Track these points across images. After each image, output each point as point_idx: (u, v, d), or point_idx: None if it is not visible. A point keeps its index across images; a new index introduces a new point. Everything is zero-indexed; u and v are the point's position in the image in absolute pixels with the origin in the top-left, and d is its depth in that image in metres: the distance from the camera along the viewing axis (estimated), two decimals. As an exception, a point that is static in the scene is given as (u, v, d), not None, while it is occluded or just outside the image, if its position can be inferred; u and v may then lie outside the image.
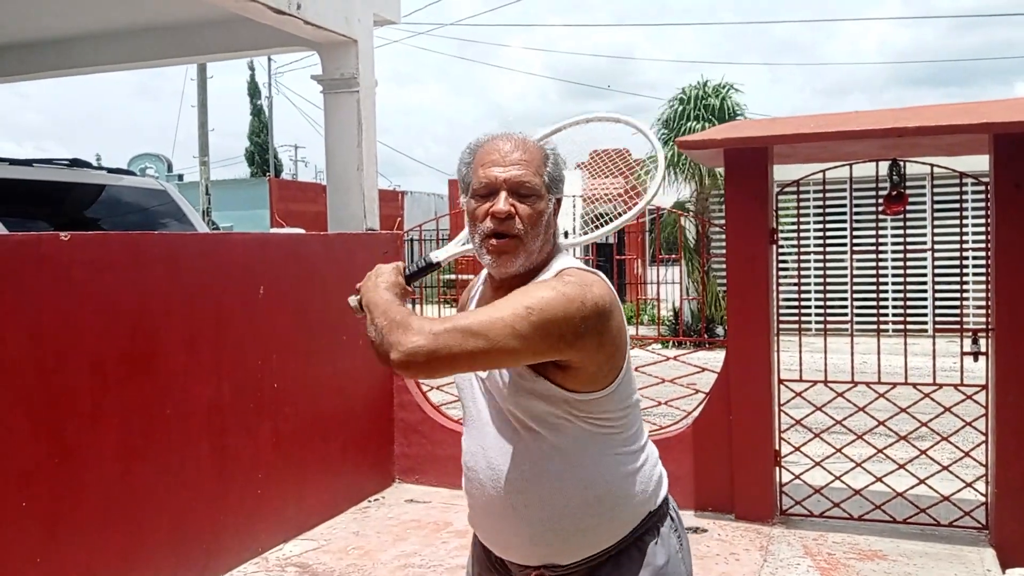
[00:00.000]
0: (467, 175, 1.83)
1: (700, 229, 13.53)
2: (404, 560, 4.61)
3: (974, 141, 4.73)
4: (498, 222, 1.75)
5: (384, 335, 1.63)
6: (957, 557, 4.51)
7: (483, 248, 1.79)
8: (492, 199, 1.76)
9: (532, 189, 1.77)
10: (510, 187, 1.76)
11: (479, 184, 1.78)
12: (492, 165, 1.77)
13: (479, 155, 1.82)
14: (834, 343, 5.80)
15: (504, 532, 1.83)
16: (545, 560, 1.80)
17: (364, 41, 6.24)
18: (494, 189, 1.76)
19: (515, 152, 1.78)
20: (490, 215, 1.75)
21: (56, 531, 3.50)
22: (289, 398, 4.91)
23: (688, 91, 14.90)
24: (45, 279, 3.48)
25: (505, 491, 1.78)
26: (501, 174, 1.76)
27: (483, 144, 1.83)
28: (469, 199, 1.82)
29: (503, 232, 1.75)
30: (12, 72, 7.59)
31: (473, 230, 1.81)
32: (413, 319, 1.62)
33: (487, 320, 1.60)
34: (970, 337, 4.83)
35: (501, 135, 1.83)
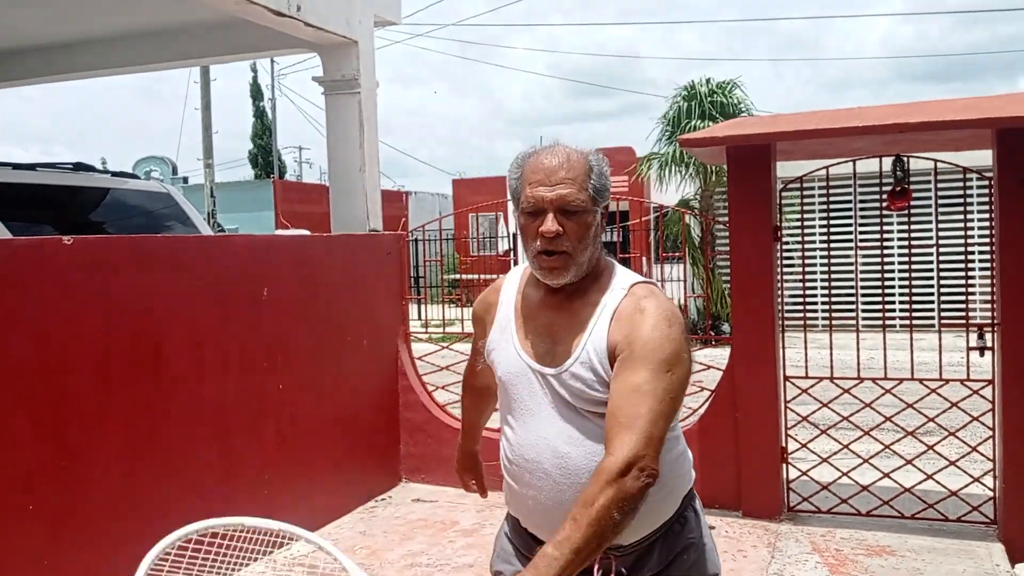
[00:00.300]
0: (516, 189, 1.91)
1: (704, 227, 13.54)
2: (411, 559, 4.61)
3: (978, 136, 4.71)
4: (547, 241, 1.82)
5: (626, 501, 1.68)
6: (966, 552, 4.49)
7: (536, 263, 1.88)
8: (541, 217, 1.83)
9: (579, 205, 1.83)
10: (557, 207, 1.82)
11: (527, 204, 1.86)
12: (538, 185, 1.84)
13: (526, 172, 1.88)
14: (840, 339, 5.78)
15: (558, 518, 1.80)
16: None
17: (365, 42, 6.24)
18: (542, 208, 1.83)
19: (560, 170, 1.83)
20: (540, 235, 1.83)
21: (60, 533, 3.51)
22: (294, 399, 4.92)
23: (691, 88, 14.88)
24: (48, 282, 3.49)
25: (575, 478, 1.83)
26: (547, 194, 1.83)
27: (529, 160, 1.89)
28: (519, 215, 1.90)
29: (553, 250, 1.83)
30: (17, 76, 7.61)
31: (525, 244, 1.89)
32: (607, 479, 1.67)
33: (653, 407, 1.73)
34: (976, 332, 4.81)
35: (546, 149, 1.88)
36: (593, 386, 1.84)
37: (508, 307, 2.02)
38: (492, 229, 22.06)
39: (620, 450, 1.69)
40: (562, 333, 1.90)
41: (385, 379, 5.86)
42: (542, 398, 1.91)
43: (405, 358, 5.99)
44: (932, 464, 5.16)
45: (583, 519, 1.66)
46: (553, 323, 1.92)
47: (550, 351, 1.91)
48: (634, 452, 1.69)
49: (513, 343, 1.96)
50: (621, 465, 1.68)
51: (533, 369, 1.92)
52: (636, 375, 1.76)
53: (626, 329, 1.82)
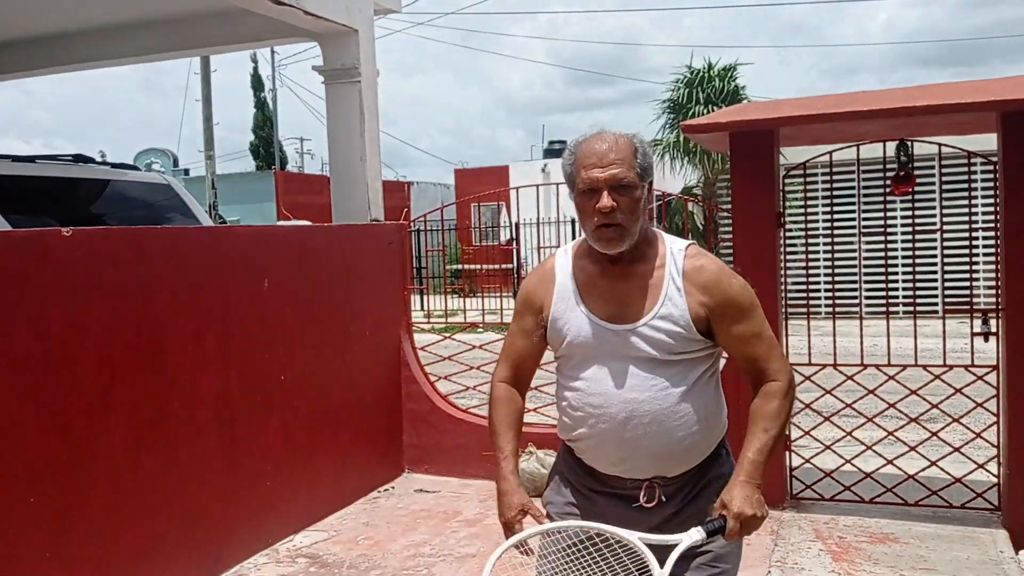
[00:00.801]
0: (571, 174, 2.19)
1: (708, 214, 13.50)
2: (414, 550, 4.61)
3: (983, 119, 4.68)
4: (603, 216, 2.11)
5: (791, 404, 2.20)
6: (970, 539, 4.48)
7: (594, 236, 2.16)
8: (596, 196, 2.11)
9: (629, 182, 2.13)
10: (610, 185, 2.11)
11: (584, 185, 2.14)
12: (592, 168, 2.12)
13: (579, 157, 2.16)
14: (843, 326, 5.76)
15: (632, 455, 2.18)
16: (658, 473, 2.20)
17: (365, 31, 6.21)
18: (597, 188, 2.11)
19: (611, 153, 2.12)
20: (597, 211, 2.11)
21: (66, 526, 3.51)
22: (297, 390, 4.91)
23: (694, 73, 14.82)
24: (49, 275, 3.48)
25: (641, 423, 2.15)
26: (601, 175, 2.11)
27: (581, 146, 2.18)
28: (576, 195, 2.18)
29: (609, 223, 2.12)
30: (17, 68, 7.59)
31: (583, 221, 2.17)
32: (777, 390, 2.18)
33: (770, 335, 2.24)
34: (980, 318, 4.79)
35: (596, 135, 2.17)
36: (675, 337, 2.15)
37: (566, 280, 2.26)
38: (494, 219, 22.04)
39: (779, 375, 2.18)
40: (631, 295, 2.19)
41: (387, 370, 5.86)
42: (612, 354, 2.18)
43: (407, 348, 5.98)
44: (936, 451, 5.14)
45: (773, 428, 2.13)
46: (618, 288, 2.20)
47: (619, 312, 2.18)
48: (789, 373, 2.19)
49: (581, 309, 2.22)
50: (786, 385, 2.17)
51: (607, 328, 2.18)
52: (747, 324, 2.19)
53: (704, 292, 2.17)
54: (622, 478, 2.22)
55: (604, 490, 2.27)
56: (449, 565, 4.39)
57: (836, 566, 4.20)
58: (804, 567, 4.21)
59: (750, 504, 2.05)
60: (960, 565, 4.16)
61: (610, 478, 2.25)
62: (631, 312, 2.18)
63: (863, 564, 4.21)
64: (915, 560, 4.24)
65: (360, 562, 4.47)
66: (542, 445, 5.52)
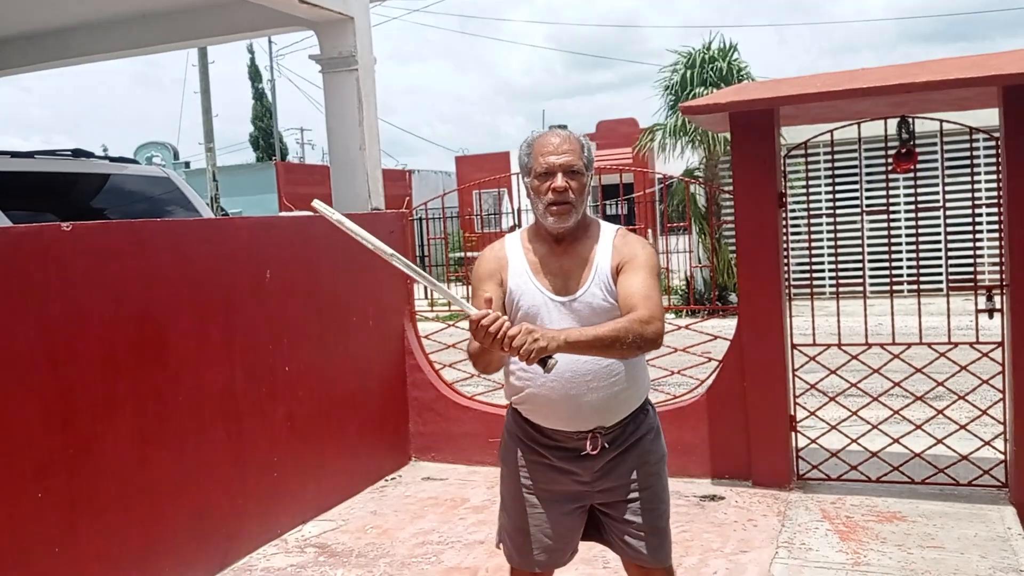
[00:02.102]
0: (528, 162, 2.57)
1: (709, 196, 13.46)
2: (422, 537, 4.62)
3: (984, 95, 4.64)
4: (557, 194, 2.49)
5: (642, 336, 2.35)
6: (977, 516, 4.48)
7: (546, 213, 2.52)
8: (551, 179, 2.50)
9: (578, 169, 2.52)
10: (563, 170, 2.50)
11: (541, 168, 2.51)
12: (549, 154, 2.51)
13: (536, 147, 2.55)
14: (847, 305, 5.75)
15: (577, 409, 2.54)
16: (599, 424, 2.57)
17: (361, 18, 6.18)
18: (552, 171, 2.50)
19: (564, 144, 2.52)
20: (551, 190, 2.49)
21: (74, 520, 3.52)
22: (302, 381, 4.91)
23: (693, 54, 14.73)
24: (50, 271, 3.47)
25: (584, 380, 2.51)
26: (557, 160, 2.50)
27: (538, 139, 2.57)
28: (532, 179, 2.55)
29: (561, 200, 2.50)
30: (13, 64, 7.57)
31: (537, 199, 2.54)
32: (636, 317, 2.37)
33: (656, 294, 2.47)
34: (985, 294, 4.78)
35: (550, 132, 2.58)
36: (606, 299, 2.51)
37: (519, 260, 2.60)
38: (496, 205, 22.00)
39: (644, 309, 2.40)
40: (572, 270, 2.56)
41: (392, 358, 5.86)
42: (559, 321, 2.50)
43: (411, 337, 5.98)
44: (942, 429, 5.14)
45: (608, 325, 2.35)
46: (563, 265, 2.56)
47: (563, 285, 2.55)
48: (652, 313, 2.40)
49: (533, 283, 2.56)
50: (645, 315, 2.38)
51: (553, 300, 2.54)
52: (640, 276, 2.49)
53: (623, 252, 2.55)
54: (567, 431, 2.58)
55: (549, 443, 2.63)
56: (457, 552, 4.40)
57: (844, 545, 4.21)
58: (812, 547, 4.21)
59: (545, 336, 2.23)
60: (968, 542, 4.16)
61: (556, 432, 2.61)
62: (572, 285, 2.54)
63: (871, 543, 4.22)
64: (923, 538, 4.24)
65: (369, 550, 4.48)
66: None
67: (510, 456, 2.75)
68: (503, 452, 2.80)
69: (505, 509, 2.77)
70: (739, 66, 14.61)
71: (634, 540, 2.64)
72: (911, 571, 3.89)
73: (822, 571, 3.95)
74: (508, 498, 2.76)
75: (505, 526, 2.78)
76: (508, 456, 2.76)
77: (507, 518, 2.76)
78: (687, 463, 5.18)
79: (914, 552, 4.09)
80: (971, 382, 4.99)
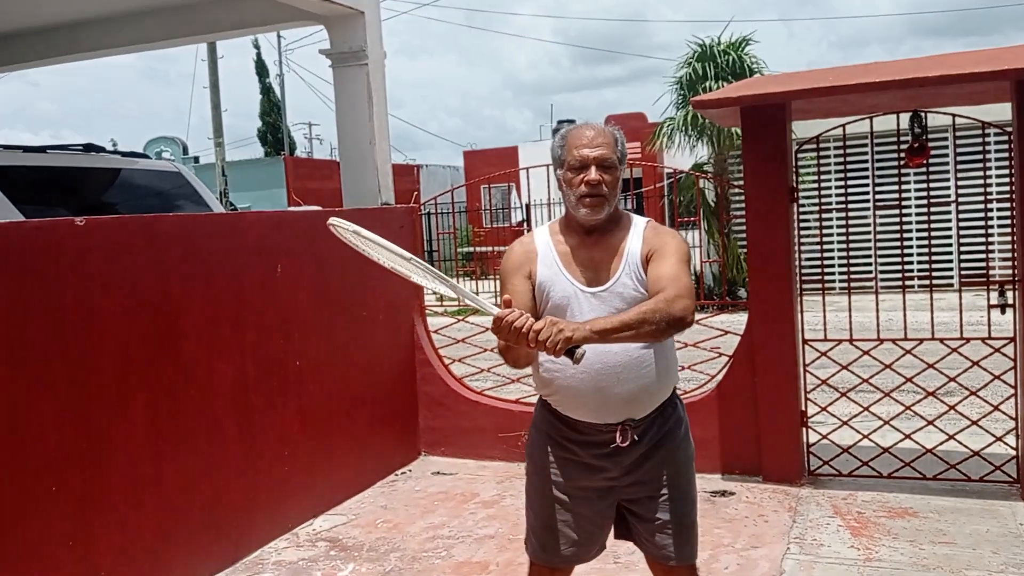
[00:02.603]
0: (561, 155, 2.58)
1: (719, 191, 13.42)
2: (432, 532, 4.63)
3: (997, 89, 4.62)
4: (590, 187, 2.51)
5: (669, 315, 2.36)
6: (989, 512, 4.47)
7: (579, 205, 2.53)
8: (585, 171, 2.51)
9: (612, 163, 2.53)
10: (597, 163, 2.51)
11: (575, 161, 2.53)
12: (583, 147, 2.52)
13: (570, 140, 2.56)
14: (859, 301, 5.73)
15: (606, 401, 2.52)
16: (628, 416, 2.56)
17: (371, 12, 6.17)
18: (586, 164, 2.51)
19: (598, 137, 2.53)
20: (585, 183, 2.50)
21: (88, 514, 3.53)
22: (313, 375, 4.92)
23: (705, 48, 14.66)
24: (64, 265, 3.48)
25: (613, 371, 2.50)
26: (591, 153, 2.51)
27: (572, 131, 2.58)
28: (565, 171, 2.56)
29: (594, 193, 2.51)
30: (23, 59, 7.58)
31: (570, 191, 2.55)
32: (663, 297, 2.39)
33: (685, 276, 2.48)
34: (997, 289, 4.76)
35: (584, 124, 2.59)
36: (637, 289, 2.52)
37: (548, 252, 2.61)
38: (505, 200, 21.99)
39: (671, 290, 2.41)
40: (603, 261, 2.56)
41: (402, 353, 5.87)
42: (589, 312, 2.49)
43: (421, 332, 5.99)
44: (954, 424, 5.12)
45: (634, 309, 2.36)
46: (592, 256, 2.57)
47: (594, 277, 2.55)
48: (679, 293, 2.40)
49: (563, 275, 2.56)
50: (672, 295, 2.39)
51: (584, 291, 2.54)
52: (669, 261, 2.50)
53: (653, 242, 2.56)
54: (596, 424, 2.57)
55: (580, 438, 2.62)
56: (468, 547, 4.41)
57: (855, 541, 4.20)
58: (823, 543, 4.21)
59: (570, 327, 2.27)
60: (979, 538, 4.15)
61: (586, 425, 2.59)
62: (602, 276, 2.55)
63: (882, 539, 4.21)
64: (934, 534, 4.23)
65: (379, 545, 4.49)
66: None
67: (538, 452, 2.73)
68: (530, 448, 2.77)
69: (531, 507, 2.74)
70: (752, 59, 14.54)
71: (661, 538, 2.63)
72: (923, 567, 3.88)
73: (833, 567, 3.94)
74: (534, 495, 2.73)
75: (531, 523, 2.74)
76: (536, 452, 2.74)
77: (533, 515, 2.73)
78: (697, 458, 5.10)
79: (926, 548, 4.08)
80: (983, 378, 4.97)
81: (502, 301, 2.34)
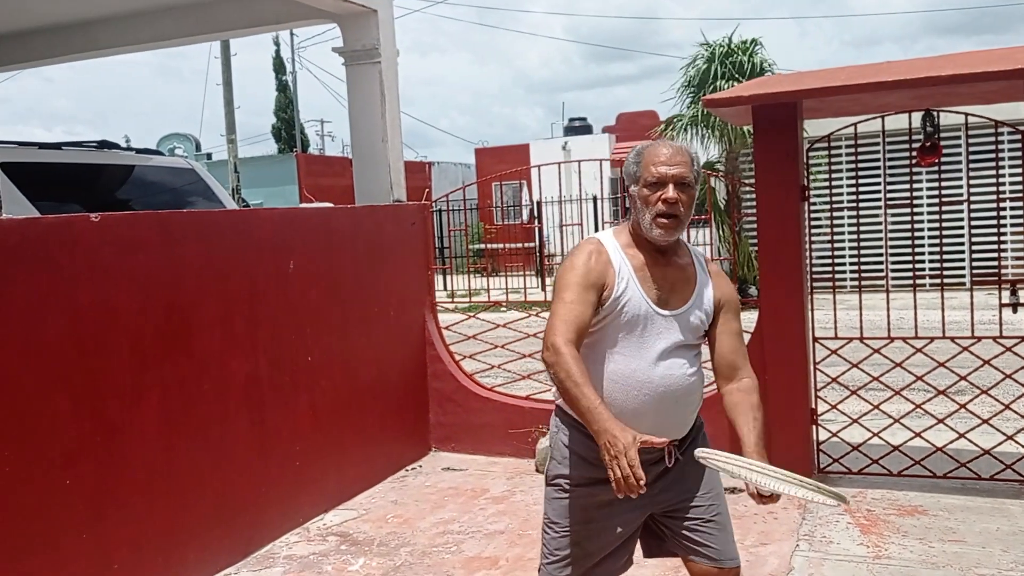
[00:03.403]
0: (636, 171, 2.53)
1: (730, 189, 13.40)
2: (443, 527, 4.66)
3: (1010, 88, 4.60)
4: (668, 206, 2.46)
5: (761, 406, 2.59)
6: (999, 510, 4.47)
7: (654, 225, 2.48)
8: (662, 189, 2.46)
9: (689, 182, 2.49)
10: (675, 181, 2.46)
11: (653, 178, 2.47)
12: (661, 164, 2.47)
13: (647, 156, 2.51)
14: (869, 299, 5.73)
15: (664, 421, 2.51)
16: (676, 435, 2.56)
17: (384, 11, 6.20)
18: (664, 182, 2.46)
19: (676, 155, 2.49)
20: (662, 201, 2.46)
21: (101, 507, 3.57)
22: (324, 371, 4.96)
23: (715, 48, 14.64)
24: (79, 261, 3.52)
25: (673, 396, 2.51)
26: (670, 171, 2.47)
27: (648, 149, 2.54)
28: (640, 188, 2.51)
29: (671, 213, 2.47)
30: (39, 56, 7.64)
31: (644, 209, 2.49)
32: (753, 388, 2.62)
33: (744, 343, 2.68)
34: (1009, 288, 4.75)
35: (661, 142, 2.55)
36: (701, 321, 2.58)
37: (623, 265, 2.53)
38: (516, 197, 22.00)
39: (751, 373, 2.61)
40: (676, 285, 2.56)
41: (413, 349, 5.89)
42: (659, 332, 2.51)
43: (432, 328, 6.02)
44: (964, 423, 5.11)
45: (760, 416, 2.53)
46: (665, 276, 2.55)
47: (666, 299, 2.53)
48: (751, 372, 2.61)
49: (639, 292, 2.51)
50: (757, 383, 2.61)
51: (658, 313, 2.51)
52: (735, 322, 2.64)
53: (722, 288, 2.63)
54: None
55: None
56: (478, 542, 4.44)
57: (865, 539, 4.21)
58: (833, 540, 4.21)
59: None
60: (989, 537, 4.15)
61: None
62: (675, 300, 2.54)
63: (892, 536, 4.21)
64: (944, 532, 4.23)
65: (390, 539, 4.52)
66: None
67: (566, 475, 2.61)
68: (555, 470, 2.64)
69: (553, 528, 2.62)
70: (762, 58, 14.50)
71: (710, 540, 2.61)
72: (932, 565, 3.89)
73: (843, 564, 3.95)
74: (559, 516, 2.61)
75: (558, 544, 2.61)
76: (564, 475, 2.61)
77: (555, 536, 2.62)
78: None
79: (935, 546, 4.08)
80: (994, 376, 4.96)
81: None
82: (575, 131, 24.44)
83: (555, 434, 2.68)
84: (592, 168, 11.47)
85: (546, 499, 2.68)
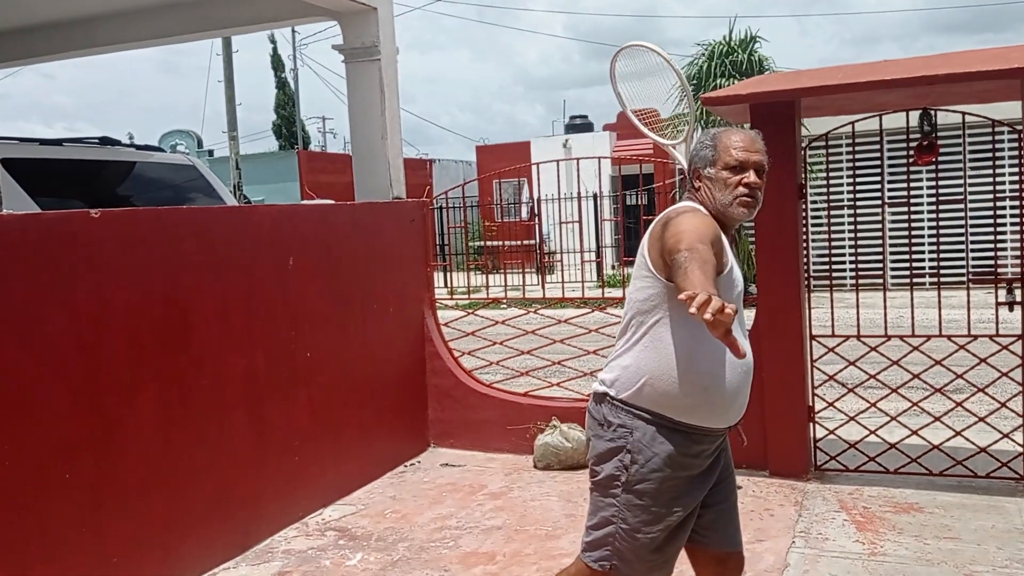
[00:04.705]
0: (712, 155, 2.63)
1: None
2: (441, 522, 4.68)
3: (1007, 87, 4.62)
4: (749, 189, 2.59)
5: None
6: (995, 508, 4.48)
7: (736, 204, 2.59)
8: (743, 172, 2.59)
9: (765, 168, 2.66)
10: (755, 166, 2.61)
11: (735, 161, 2.59)
12: (743, 150, 2.61)
13: (723, 140, 2.63)
14: (867, 298, 5.74)
15: (743, 401, 2.64)
16: (739, 417, 2.65)
17: (383, 8, 6.21)
18: (746, 166, 2.59)
19: (756, 143, 2.65)
20: (745, 184, 2.58)
21: (99, 502, 3.59)
22: (323, 366, 4.97)
23: (714, 46, 14.64)
24: (78, 257, 3.54)
25: (749, 370, 2.62)
26: (752, 156, 2.61)
27: (722, 135, 2.66)
28: (719, 170, 2.61)
29: (751, 195, 2.60)
30: (40, 52, 7.65)
31: (725, 190, 2.59)
32: None
33: None
34: (1005, 287, 4.76)
35: (733, 129, 2.68)
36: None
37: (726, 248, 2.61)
38: (516, 195, 22.01)
39: None
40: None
41: (412, 346, 5.91)
42: (742, 310, 2.66)
43: (431, 324, 6.03)
44: (961, 421, 5.13)
45: None
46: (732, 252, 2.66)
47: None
48: None
49: (737, 265, 2.63)
50: None
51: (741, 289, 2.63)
52: None
53: None
54: (718, 429, 2.63)
55: (698, 448, 2.61)
56: (475, 537, 4.46)
57: (860, 536, 4.22)
58: (828, 537, 4.23)
59: None
60: (985, 534, 4.17)
61: (713, 432, 2.61)
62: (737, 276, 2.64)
63: (887, 534, 4.23)
64: (940, 529, 4.25)
65: (388, 535, 4.54)
66: (565, 419, 5.56)
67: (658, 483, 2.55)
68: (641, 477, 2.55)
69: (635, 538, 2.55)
70: (761, 57, 14.50)
71: (725, 523, 2.73)
72: (927, 562, 3.91)
73: (838, 561, 3.97)
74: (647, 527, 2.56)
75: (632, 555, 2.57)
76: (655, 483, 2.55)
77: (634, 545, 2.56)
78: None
79: (931, 543, 4.10)
80: (990, 374, 4.97)
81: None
82: (576, 129, 24.46)
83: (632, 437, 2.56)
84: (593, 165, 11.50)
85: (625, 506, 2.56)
